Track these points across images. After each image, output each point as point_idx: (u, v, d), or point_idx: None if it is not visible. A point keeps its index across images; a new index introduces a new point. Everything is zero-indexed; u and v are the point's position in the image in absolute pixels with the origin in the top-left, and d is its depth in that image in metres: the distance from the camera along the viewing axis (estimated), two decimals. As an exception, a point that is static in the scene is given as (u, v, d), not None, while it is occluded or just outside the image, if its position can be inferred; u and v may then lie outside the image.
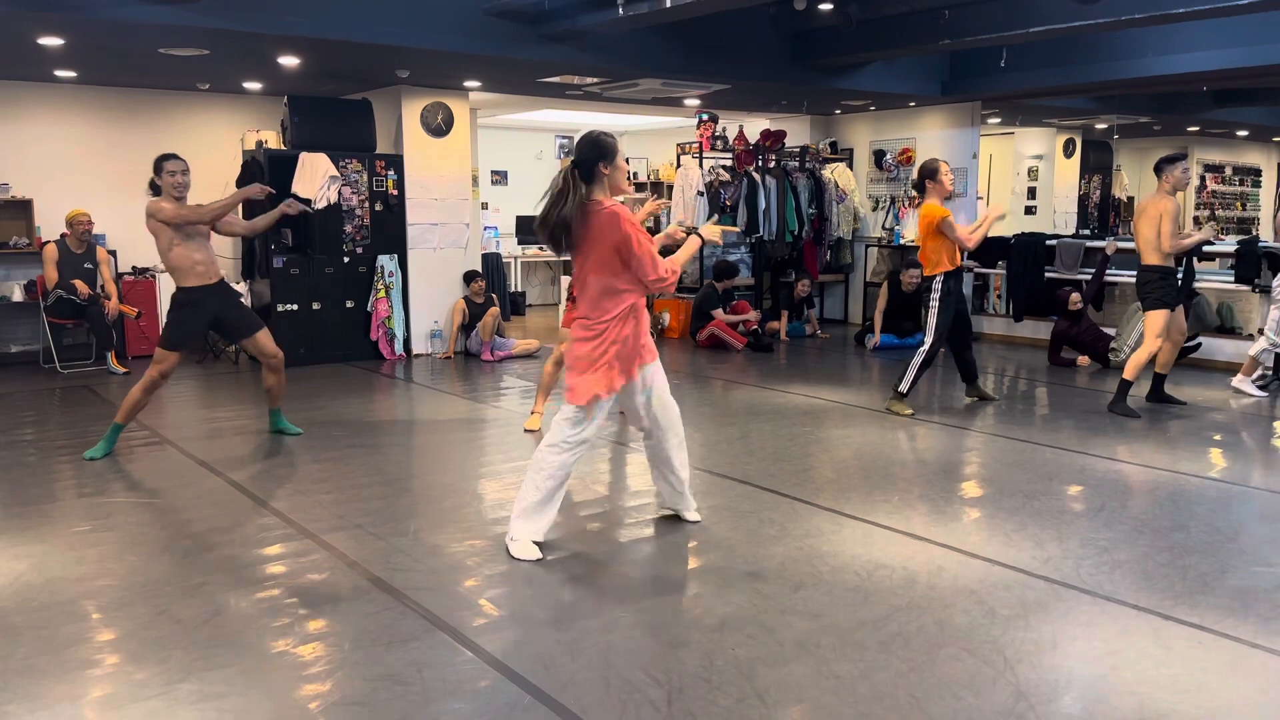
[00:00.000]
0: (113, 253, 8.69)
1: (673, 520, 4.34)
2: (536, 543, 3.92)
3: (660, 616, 3.35)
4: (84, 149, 9.06)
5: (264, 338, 5.73)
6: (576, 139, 4.34)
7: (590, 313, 3.89)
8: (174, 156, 5.41)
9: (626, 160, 4.01)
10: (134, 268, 9.01)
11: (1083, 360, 8.44)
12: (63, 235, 8.14)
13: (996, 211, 6.49)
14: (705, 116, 10.56)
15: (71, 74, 8.38)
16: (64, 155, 8.97)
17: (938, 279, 6.43)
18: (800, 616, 3.31)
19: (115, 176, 9.10)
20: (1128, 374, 6.47)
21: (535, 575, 3.71)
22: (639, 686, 2.84)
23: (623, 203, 3.98)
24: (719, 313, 9.57)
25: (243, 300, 5.84)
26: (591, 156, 3.84)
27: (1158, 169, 6.41)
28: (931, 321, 6.50)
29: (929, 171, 6.38)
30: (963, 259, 6.56)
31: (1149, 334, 6.44)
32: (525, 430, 6.08)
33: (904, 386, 6.56)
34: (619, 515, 4.48)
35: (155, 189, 5.41)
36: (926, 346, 6.49)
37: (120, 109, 9.18)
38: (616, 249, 3.79)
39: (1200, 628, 3.23)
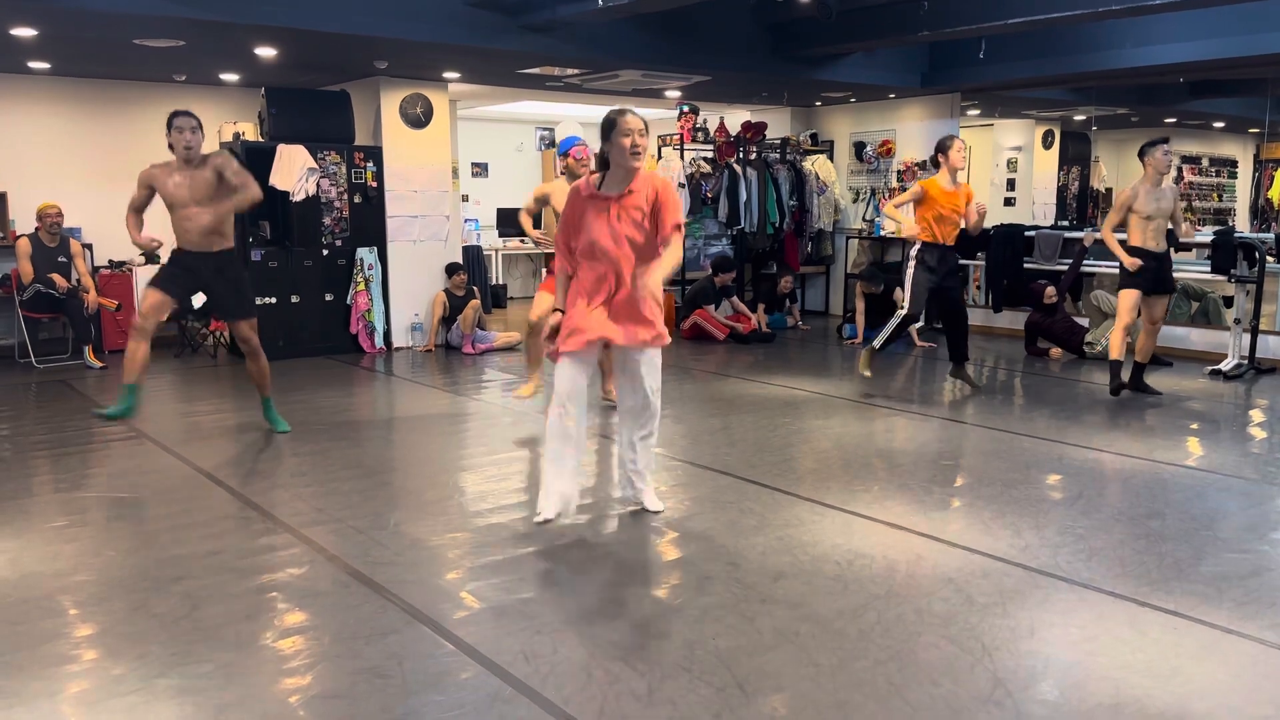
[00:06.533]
0: (88, 246, 8.62)
1: (651, 512, 4.34)
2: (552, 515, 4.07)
3: (641, 607, 3.36)
4: (59, 141, 8.96)
5: (245, 326, 5.54)
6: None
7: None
8: (185, 113, 5.21)
9: (627, 135, 3.82)
10: (110, 261, 8.93)
11: (1055, 352, 8.50)
12: (35, 229, 8.06)
13: (909, 230, 6.64)
14: (686, 108, 10.55)
15: (45, 65, 8.29)
16: (38, 148, 8.87)
17: (914, 247, 6.63)
18: (780, 606, 3.33)
19: (91, 169, 9.01)
20: (1113, 354, 6.68)
21: (516, 567, 3.71)
22: (620, 677, 2.84)
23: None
24: (709, 309, 9.57)
25: (243, 281, 5.60)
26: (601, 141, 3.95)
27: (1141, 154, 6.58)
28: (905, 286, 6.73)
29: (942, 147, 6.61)
30: (953, 237, 6.65)
31: (1119, 311, 6.67)
32: (516, 396, 6.37)
33: (878, 343, 6.87)
34: (600, 507, 4.48)
35: (172, 147, 5.24)
36: (903, 312, 6.73)
37: (95, 101, 9.09)
38: None
39: (1175, 614, 3.26)
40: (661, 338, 4.03)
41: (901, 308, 6.75)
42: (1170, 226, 6.70)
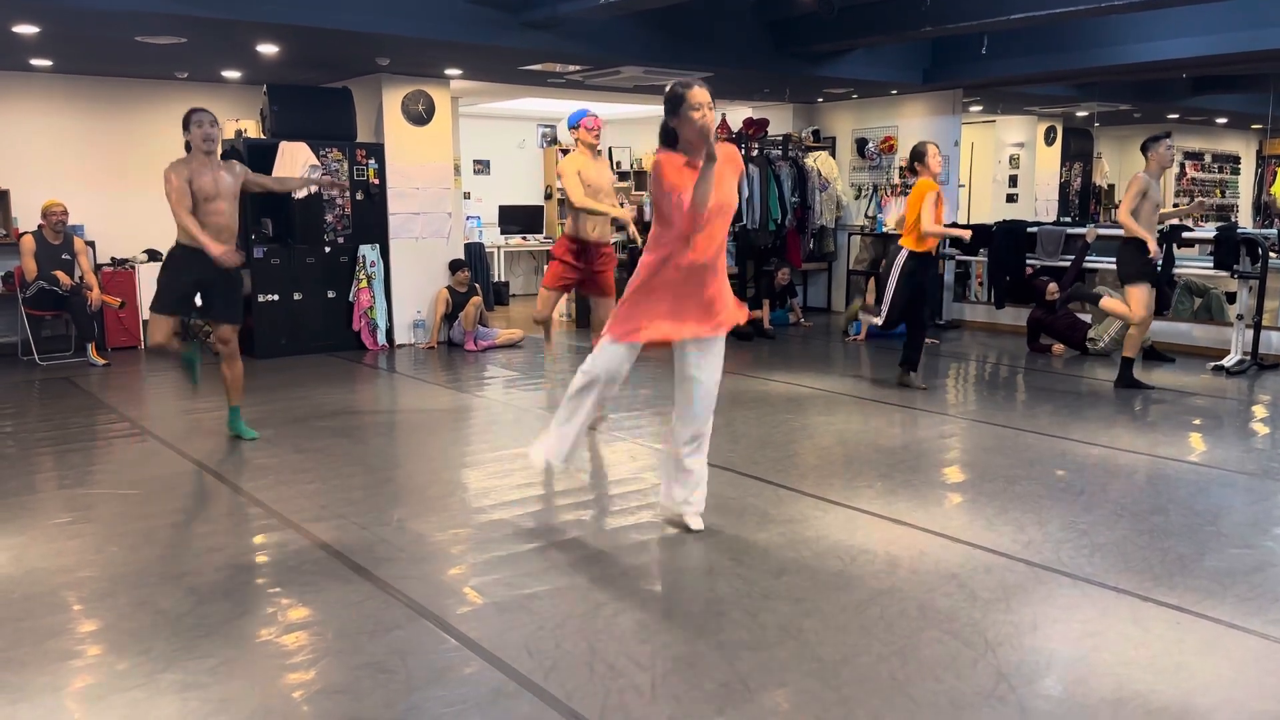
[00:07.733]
0: (91, 244, 8.62)
1: (656, 507, 4.34)
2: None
3: (644, 602, 3.36)
4: (61, 139, 8.96)
5: (229, 328, 5.45)
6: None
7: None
8: (201, 110, 5.21)
9: (697, 109, 3.65)
10: (112, 259, 8.94)
11: (1058, 349, 8.50)
12: (39, 226, 8.07)
13: (963, 234, 6.79)
14: (688, 105, 10.52)
15: (47, 63, 8.29)
16: (41, 145, 8.87)
17: (904, 253, 6.63)
18: (783, 601, 3.33)
19: (93, 167, 9.01)
20: (1127, 352, 6.73)
21: (519, 563, 3.71)
22: (623, 671, 2.84)
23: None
24: None
25: (241, 285, 5.56)
26: (666, 116, 3.73)
27: (1144, 149, 6.63)
28: (887, 294, 6.71)
29: (918, 154, 6.60)
30: (938, 246, 6.70)
31: (1134, 307, 6.65)
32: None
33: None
34: (603, 503, 4.48)
35: (189, 147, 5.19)
36: (881, 320, 6.77)
37: (98, 98, 9.09)
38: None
39: (1179, 609, 3.26)
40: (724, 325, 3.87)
41: (876, 320, 6.77)
42: (1177, 219, 6.79)
